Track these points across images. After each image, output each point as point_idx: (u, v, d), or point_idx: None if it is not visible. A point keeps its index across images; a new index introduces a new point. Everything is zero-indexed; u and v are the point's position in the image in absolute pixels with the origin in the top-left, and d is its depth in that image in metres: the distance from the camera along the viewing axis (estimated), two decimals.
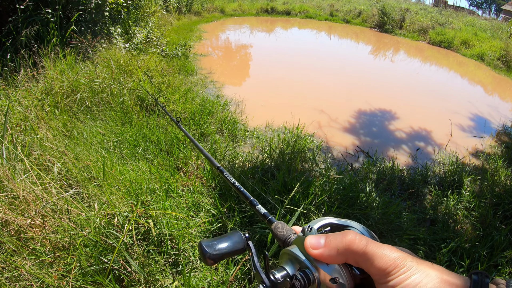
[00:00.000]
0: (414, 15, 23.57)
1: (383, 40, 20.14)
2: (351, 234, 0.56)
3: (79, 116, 4.49)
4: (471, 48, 17.70)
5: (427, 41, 19.90)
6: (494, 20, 31.55)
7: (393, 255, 0.53)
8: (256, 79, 10.41)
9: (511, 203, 4.46)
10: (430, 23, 21.53)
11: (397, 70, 13.89)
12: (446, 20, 23.21)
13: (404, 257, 0.53)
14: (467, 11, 37.87)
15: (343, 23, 24.79)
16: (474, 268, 3.36)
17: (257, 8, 25.46)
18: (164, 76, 6.93)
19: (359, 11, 26.09)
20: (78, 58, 5.97)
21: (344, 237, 0.56)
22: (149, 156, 4.09)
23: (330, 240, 0.57)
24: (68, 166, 3.08)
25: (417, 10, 26.58)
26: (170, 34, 12.65)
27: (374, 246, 0.54)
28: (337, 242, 0.56)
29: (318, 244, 0.57)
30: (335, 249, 0.56)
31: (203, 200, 3.49)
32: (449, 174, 5.35)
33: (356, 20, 25.16)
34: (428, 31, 20.56)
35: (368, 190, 4.24)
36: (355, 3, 29.71)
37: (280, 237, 0.73)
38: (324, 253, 0.56)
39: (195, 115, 5.68)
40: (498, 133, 7.92)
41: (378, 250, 0.54)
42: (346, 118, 7.66)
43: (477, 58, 16.44)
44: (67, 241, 2.33)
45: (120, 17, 8.34)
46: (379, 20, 22.77)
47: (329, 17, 25.99)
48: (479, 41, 18.19)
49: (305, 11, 26.70)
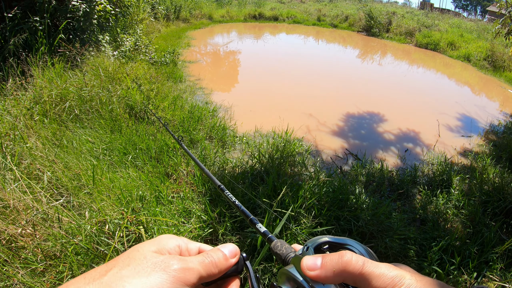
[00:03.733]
0: (400, 18, 23.80)
1: (370, 43, 20.27)
2: (348, 254, 0.55)
3: (68, 125, 4.48)
4: (457, 49, 17.91)
5: (414, 44, 20.08)
6: (479, 21, 31.96)
7: (391, 273, 0.52)
8: (245, 85, 10.44)
9: (500, 200, 4.53)
10: (417, 26, 21.75)
11: (385, 73, 13.98)
12: (432, 22, 23.46)
13: (403, 275, 0.52)
14: (453, 13, 38.21)
15: (330, 28, 24.92)
16: (464, 266, 3.40)
17: (245, 14, 25.52)
18: (153, 83, 6.93)
19: (346, 15, 26.26)
20: (67, 66, 5.96)
21: (340, 258, 0.55)
22: (139, 163, 4.09)
23: (326, 261, 0.56)
24: (58, 175, 3.09)
25: (404, 13, 26.82)
26: (159, 41, 12.65)
27: (372, 266, 0.53)
28: (333, 263, 0.55)
29: (314, 266, 0.56)
30: (332, 271, 0.55)
31: (193, 206, 3.50)
32: (438, 174, 5.41)
33: (343, 24, 25.31)
34: (414, 34, 20.77)
35: (357, 192, 4.28)
36: (342, 7, 29.92)
37: (279, 255, 0.71)
38: (321, 274, 0.55)
39: (184, 122, 5.69)
40: (486, 132, 8.02)
41: (376, 269, 0.53)
42: (334, 122, 7.71)
43: (463, 59, 16.64)
44: (59, 249, 2.34)
45: (109, 24, 8.33)
46: (366, 24, 22.95)
47: (317, 22, 26.11)
48: (465, 42, 18.41)
49: (292, 16, 26.79)
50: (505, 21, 9.36)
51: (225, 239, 3.16)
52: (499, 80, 13.79)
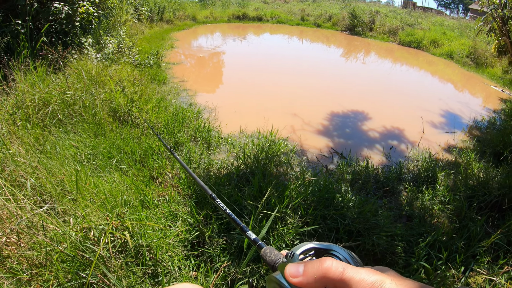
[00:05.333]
0: (383, 17, 24.04)
1: (354, 42, 20.41)
2: (328, 261, 0.57)
3: (52, 130, 4.43)
4: (440, 47, 18.15)
5: (397, 42, 20.28)
6: (462, 19, 32.39)
7: (371, 278, 0.53)
8: (229, 86, 10.45)
9: (485, 194, 4.61)
10: (400, 25, 21.99)
11: (369, 72, 14.08)
12: (415, 21, 23.74)
13: (382, 280, 0.53)
14: (435, 12, 38.72)
15: (314, 27, 25.08)
16: (452, 261, 3.43)
17: (228, 15, 25.55)
18: (136, 86, 6.89)
19: (329, 15, 26.42)
20: (49, 70, 5.90)
21: (321, 264, 0.57)
22: (123, 167, 4.06)
23: (308, 268, 0.58)
24: (41, 181, 3.05)
25: (387, 12, 27.07)
26: (142, 43, 12.57)
27: (352, 271, 0.54)
28: (314, 270, 0.57)
29: (296, 273, 0.59)
30: (313, 277, 0.56)
31: (179, 209, 3.49)
32: (423, 170, 5.46)
33: (327, 24, 25.48)
34: (398, 32, 20.99)
35: (343, 190, 4.29)
36: (326, 7, 30.07)
37: (268, 262, 0.75)
38: (303, 281, 0.57)
39: (168, 124, 5.67)
40: (470, 127, 8.15)
41: (356, 275, 0.54)
42: (319, 121, 7.75)
43: (446, 57, 16.89)
44: (44, 257, 2.31)
45: (91, 27, 8.26)
46: (349, 23, 23.16)
47: (301, 21, 26.26)
48: (448, 40, 18.67)
49: (276, 16, 26.89)
50: (487, 19, 9.51)
51: (212, 241, 3.15)
52: (481, 76, 14.00)
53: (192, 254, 3.08)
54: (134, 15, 14.96)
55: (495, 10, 8.88)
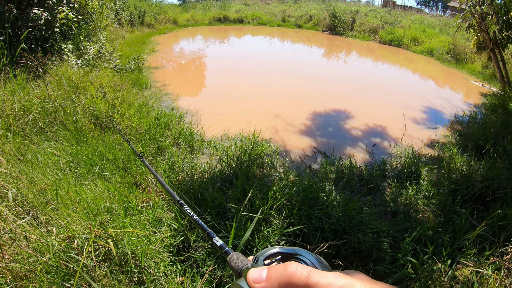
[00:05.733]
0: (364, 17, 24.22)
1: (335, 42, 20.53)
2: (293, 265, 0.55)
3: (33, 138, 4.38)
4: (420, 44, 18.35)
5: (378, 41, 20.45)
6: (441, 17, 32.77)
7: (339, 283, 0.51)
8: (211, 89, 10.45)
9: (468, 187, 4.68)
10: (380, 23, 22.17)
11: (350, 71, 14.22)
12: (395, 19, 23.94)
13: (351, 284, 0.51)
14: (415, 10, 39.07)
15: (295, 28, 25.21)
16: (438, 254, 3.46)
17: (209, 18, 25.58)
18: (117, 91, 6.85)
19: (310, 15, 26.54)
20: (29, 77, 5.84)
21: (285, 269, 0.55)
22: (106, 174, 4.03)
23: (272, 273, 0.56)
24: (23, 191, 3.02)
25: (367, 11, 27.26)
26: (123, 48, 12.50)
27: (318, 276, 0.52)
28: (278, 275, 0.55)
29: (259, 278, 0.57)
30: (277, 283, 0.54)
31: (164, 214, 3.47)
32: (406, 166, 5.53)
33: (308, 24, 25.60)
34: (378, 31, 21.17)
35: (327, 189, 4.31)
36: (306, 8, 30.16)
37: (235, 268, 0.73)
38: (266, 287, 0.55)
39: (150, 129, 5.64)
40: (452, 122, 8.28)
41: (322, 279, 0.52)
42: (301, 121, 7.79)
43: (426, 54, 17.09)
44: (28, 269, 2.28)
45: (71, 32, 8.19)
46: (330, 23, 23.29)
47: (282, 23, 26.35)
48: (428, 38, 18.88)
49: (257, 18, 26.97)
50: (466, 15, 9.63)
51: (197, 245, 3.14)
52: (461, 72, 14.20)
53: (178, 259, 3.07)
54: (115, 19, 14.89)
55: (474, 7, 8.99)
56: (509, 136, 6.08)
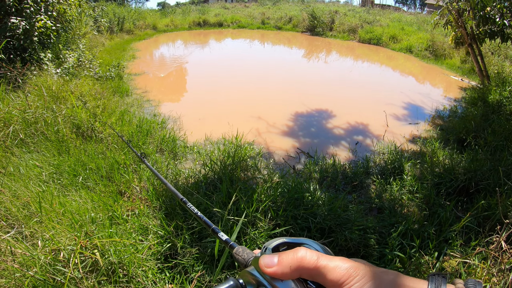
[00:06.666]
0: (343, 17, 24.42)
1: (315, 43, 20.65)
2: (302, 250, 0.58)
3: (14, 150, 4.33)
4: (399, 42, 18.58)
5: (357, 40, 20.64)
6: (419, 14, 33.22)
7: (345, 265, 0.54)
8: (192, 94, 10.44)
9: (452, 180, 4.74)
10: (359, 23, 22.37)
11: (331, 70, 14.32)
12: (374, 18, 24.17)
13: (357, 267, 0.54)
14: (393, 8, 39.50)
15: (275, 30, 25.33)
16: (425, 247, 3.50)
17: (189, 22, 25.59)
18: (98, 99, 6.79)
19: (289, 17, 26.69)
20: (9, 88, 5.77)
21: (295, 254, 0.58)
22: (90, 184, 4.00)
23: (283, 258, 0.58)
24: (6, 205, 2.99)
25: (346, 11, 27.47)
26: (103, 55, 12.41)
27: (326, 259, 0.56)
28: (289, 259, 0.58)
29: (271, 263, 0.59)
30: (288, 266, 0.57)
31: (149, 222, 3.46)
32: (389, 162, 5.58)
33: (287, 26, 25.75)
34: (357, 30, 21.37)
35: (312, 189, 4.32)
36: (285, 9, 30.33)
37: (241, 261, 0.75)
38: (278, 271, 0.58)
39: (133, 136, 5.61)
40: (433, 117, 8.39)
41: (330, 262, 0.55)
42: (284, 122, 7.82)
43: (405, 51, 17.30)
44: (15, 284, 2.26)
45: (50, 41, 8.12)
46: (309, 24, 23.43)
47: (261, 25, 26.46)
48: (406, 35, 19.12)
49: (237, 21, 27.04)
50: (443, 12, 9.75)
51: (184, 251, 3.14)
52: (441, 67, 14.39)
53: (166, 267, 3.07)
54: (94, 27, 14.79)
55: (451, 4, 9.10)
56: (489, 128, 6.18)
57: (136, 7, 26.68)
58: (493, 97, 7.94)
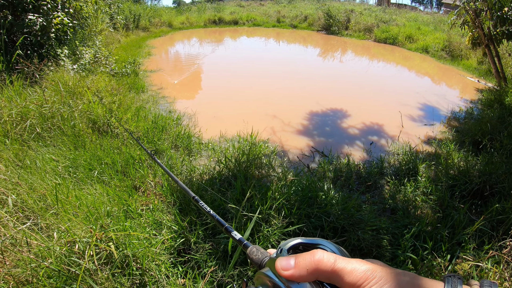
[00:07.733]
0: (359, 16, 24.27)
1: (330, 42, 20.55)
2: (319, 253, 0.57)
3: (31, 144, 4.38)
4: (415, 42, 18.40)
5: (373, 39, 20.49)
6: (435, 14, 32.84)
7: (363, 267, 0.54)
8: (207, 91, 10.47)
9: (466, 183, 4.69)
10: (375, 22, 22.21)
11: (346, 70, 14.23)
12: (390, 17, 23.96)
13: (374, 269, 0.54)
14: (409, 8, 39.13)
15: (290, 29, 25.24)
16: (438, 250, 3.48)
17: (204, 20, 25.61)
18: (114, 95, 6.85)
19: (305, 15, 26.59)
20: (26, 83, 5.84)
21: (312, 256, 0.57)
22: (105, 178, 4.02)
23: (300, 260, 0.58)
24: (23, 197, 3.02)
25: (362, 10, 27.30)
26: (119, 52, 12.50)
27: (343, 262, 0.55)
28: (306, 262, 0.57)
29: (288, 266, 0.58)
30: (305, 269, 0.56)
31: (163, 217, 3.47)
32: (404, 163, 5.52)
33: (303, 24, 25.64)
34: (373, 30, 21.21)
35: (326, 188, 4.31)
36: (301, 8, 30.23)
37: (255, 260, 0.74)
38: (295, 273, 0.57)
39: (148, 132, 5.64)
40: (448, 119, 8.28)
41: (347, 265, 0.55)
42: (299, 121, 7.80)
43: (422, 51, 17.13)
44: (30, 274, 2.28)
45: (67, 38, 8.17)
46: (325, 23, 23.32)
47: (277, 23, 26.40)
48: (423, 35, 18.92)
49: (252, 19, 27.01)
50: (460, 12, 9.64)
51: (198, 247, 3.15)
52: (457, 68, 14.21)
53: (179, 261, 3.08)
54: (110, 24, 14.89)
55: (468, 3, 9.01)
56: (505, 130, 6.10)
57: (152, 5, 26.86)
58: (510, 99, 7.86)
